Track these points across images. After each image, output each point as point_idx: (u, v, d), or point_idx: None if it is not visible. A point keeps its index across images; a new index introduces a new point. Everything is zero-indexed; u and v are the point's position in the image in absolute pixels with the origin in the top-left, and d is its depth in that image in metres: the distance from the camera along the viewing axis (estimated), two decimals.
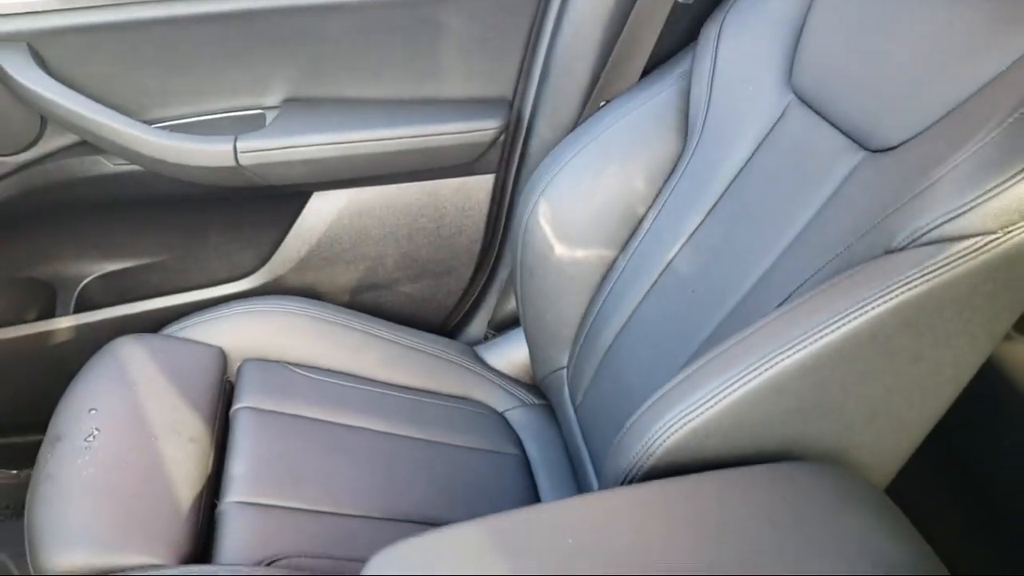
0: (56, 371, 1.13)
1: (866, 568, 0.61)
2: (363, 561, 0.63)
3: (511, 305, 1.40)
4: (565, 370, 1.19)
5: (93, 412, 0.97)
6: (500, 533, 0.67)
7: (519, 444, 1.19)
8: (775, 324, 0.73)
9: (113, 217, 1.30)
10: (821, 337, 0.69)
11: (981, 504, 1.13)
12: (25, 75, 1.08)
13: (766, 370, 0.70)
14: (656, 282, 1.05)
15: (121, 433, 0.95)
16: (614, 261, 1.13)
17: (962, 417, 1.11)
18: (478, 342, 1.39)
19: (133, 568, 0.83)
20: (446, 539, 0.66)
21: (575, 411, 1.15)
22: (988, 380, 1.12)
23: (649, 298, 1.06)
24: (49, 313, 1.31)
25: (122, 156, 1.18)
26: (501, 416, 1.24)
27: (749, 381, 0.71)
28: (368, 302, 1.37)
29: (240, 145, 1.17)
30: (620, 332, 1.08)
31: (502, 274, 1.41)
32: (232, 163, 1.17)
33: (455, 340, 1.39)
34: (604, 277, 1.13)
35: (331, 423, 1.09)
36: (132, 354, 1.07)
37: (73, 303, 1.32)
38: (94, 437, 0.94)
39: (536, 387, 1.29)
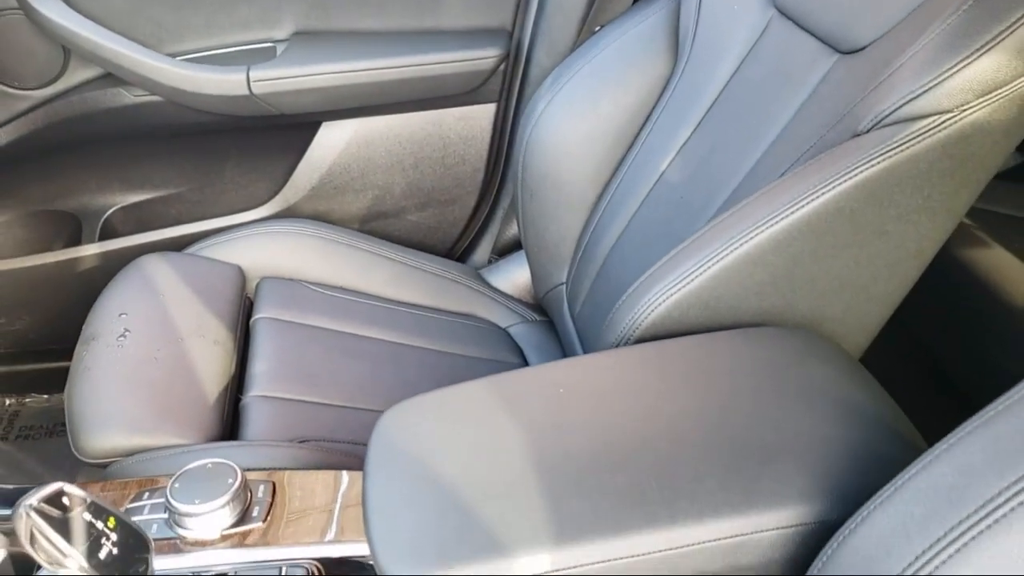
0: (83, 297, 1.20)
1: (828, 409, 0.67)
2: None
3: (513, 231, 1.47)
4: (564, 285, 1.26)
5: (124, 316, 1.04)
6: (498, 388, 0.74)
7: (521, 355, 1.26)
8: (750, 205, 0.79)
9: (134, 150, 1.37)
10: (792, 212, 0.75)
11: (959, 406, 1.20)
12: (50, 7, 1.15)
13: (741, 245, 0.77)
14: (649, 194, 1.11)
15: (150, 334, 1.03)
16: (610, 178, 1.19)
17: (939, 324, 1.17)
18: (482, 267, 1.46)
19: (165, 448, 0.90)
20: (451, 394, 0.73)
21: (573, 322, 1.22)
22: (973, 289, 1.18)
23: (642, 209, 1.12)
24: (75, 243, 1.38)
25: (142, 87, 1.24)
26: (504, 331, 1.31)
27: (726, 256, 0.77)
28: (377, 231, 1.44)
29: (252, 75, 1.23)
30: (615, 243, 1.15)
31: (504, 202, 1.47)
32: (245, 92, 1.23)
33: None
34: (600, 194, 1.19)
35: (343, 332, 1.16)
36: (158, 269, 1.14)
37: (98, 233, 1.39)
38: (125, 337, 1.01)
39: (538, 305, 1.36)
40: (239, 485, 0.75)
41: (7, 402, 1.49)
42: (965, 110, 0.72)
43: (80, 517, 0.61)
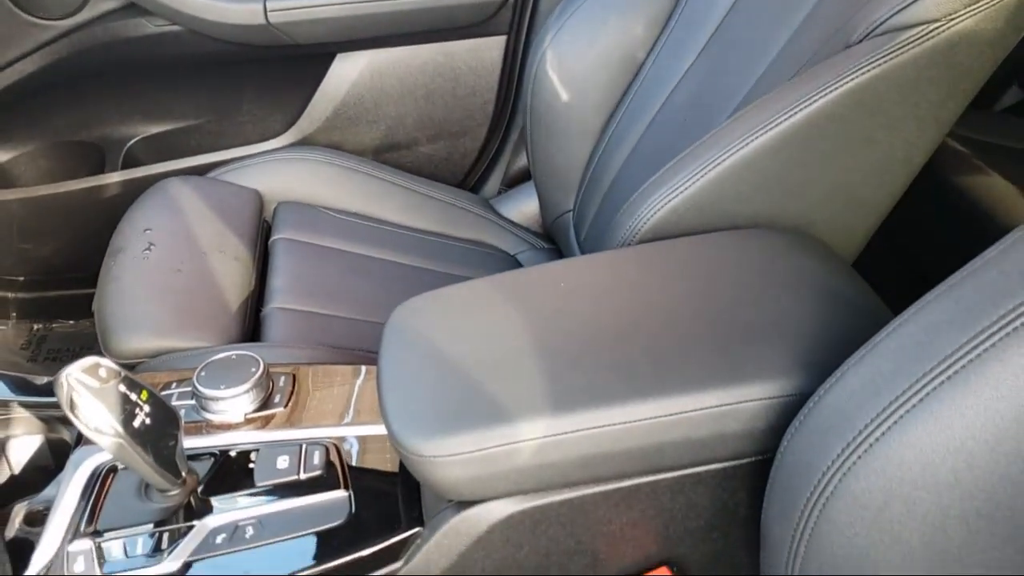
0: (107, 224, 1.24)
1: (812, 296, 0.71)
2: None
3: (523, 162, 1.50)
4: (571, 212, 1.29)
5: (148, 231, 1.09)
6: (503, 283, 0.78)
7: None
8: (745, 115, 0.83)
9: (155, 81, 1.41)
10: (784, 120, 0.79)
11: None
12: None
13: (736, 152, 0.80)
14: (654, 119, 1.15)
15: (174, 248, 1.08)
16: (616, 105, 1.22)
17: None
18: (492, 198, 1.50)
19: (190, 349, 0.95)
20: (459, 289, 0.78)
21: (580, 248, 1.26)
22: (970, 213, 1.22)
23: (647, 134, 1.15)
24: (98, 173, 1.43)
25: (163, 15, 1.28)
26: (512, 257, 1.35)
27: (721, 162, 0.81)
28: (390, 162, 1.48)
29: (269, 4, 1.27)
30: (621, 168, 1.18)
31: (514, 134, 1.50)
32: (262, 21, 1.27)
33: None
34: (607, 121, 1.23)
35: (357, 254, 1.21)
36: (180, 190, 1.19)
37: (120, 163, 1.44)
38: (150, 250, 1.06)
39: (546, 234, 1.40)
40: (261, 373, 0.80)
41: (35, 327, 1.54)
42: (952, 19, 0.75)
43: (115, 388, 0.66)
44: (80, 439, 0.78)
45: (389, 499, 0.72)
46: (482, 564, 0.68)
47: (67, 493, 0.73)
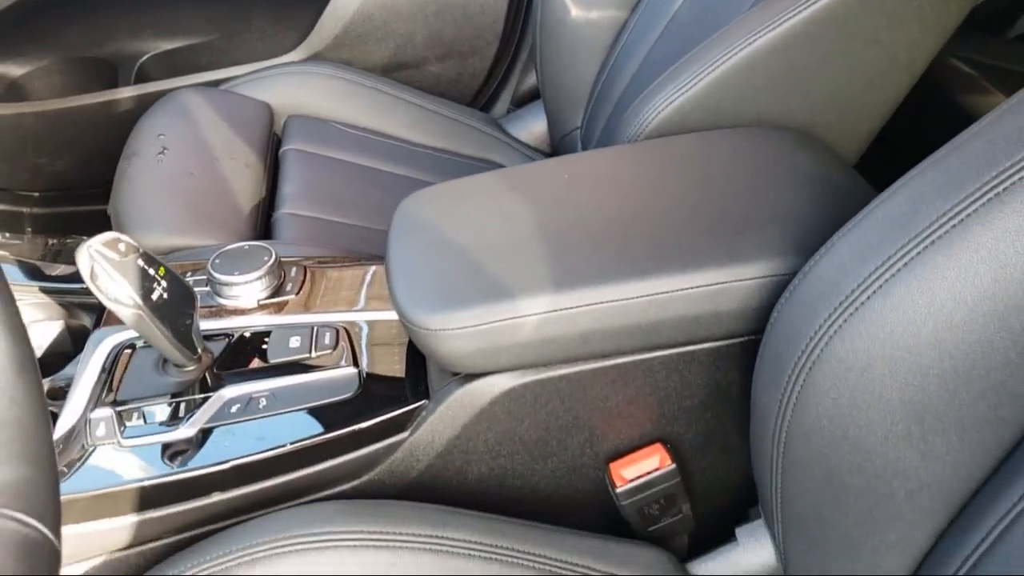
0: (120, 138, 1.26)
1: (810, 188, 0.73)
2: None
3: (531, 82, 1.51)
4: (579, 130, 1.31)
5: (162, 136, 1.11)
6: (508, 175, 0.81)
7: None
8: (750, 15, 0.84)
9: None
10: (788, 19, 0.80)
11: None
12: None
13: (740, 51, 0.82)
14: (661, 34, 1.15)
15: (186, 152, 1.10)
16: (625, 20, 1.22)
17: None
18: (501, 117, 1.51)
19: (203, 246, 0.98)
20: (465, 182, 0.80)
21: None
22: None
23: (654, 49, 1.16)
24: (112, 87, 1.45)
25: None
26: None
27: (726, 61, 0.82)
28: (399, 81, 1.49)
29: None
30: (629, 84, 1.19)
31: (523, 54, 1.51)
32: None
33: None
34: (617, 35, 1.23)
35: (365, 166, 1.23)
36: (192, 100, 1.21)
37: (132, 79, 1.45)
38: (163, 154, 1.08)
39: (554, 153, 1.41)
40: (274, 262, 0.83)
41: (50, 241, 1.57)
42: None
43: (134, 262, 0.69)
44: (100, 319, 0.81)
45: (396, 376, 0.75)
46: (484, 436, 0.71)
47: (88, 367, 0.76)
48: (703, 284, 0.66)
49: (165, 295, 0.70)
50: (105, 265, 0.67)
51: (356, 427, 0.71)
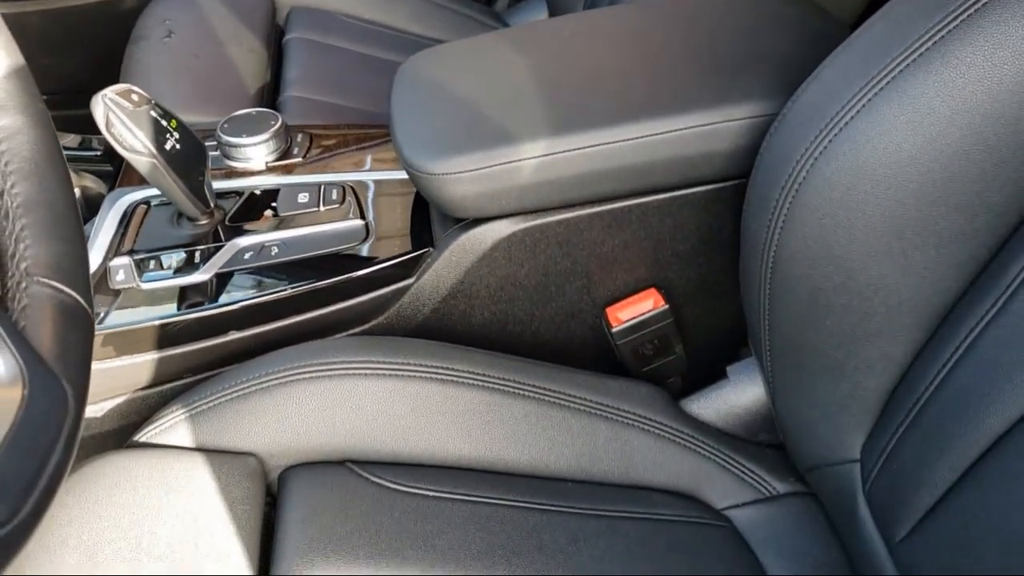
0: (127, 38, 1.27)
1: (801, 38, 0.75)
2: None
3: None
4: None
5: (168, 22, 1.13)
6: (508, 34, 0.82)
7: None
8: None
9: None
10: None
11: None
12: None
13: None
14: None
15: (192, 37, 1.12)
16: None
17: None
18: (503, 11, 1.51)
19: (211, 123, 1.00)
20: (463, 43, 0.82)
21: None
22: None
23: None
24: None
25: None
26: None
27: None
28: None
29: None
30: None
31: None
32: None
33: None
34: None
35: (367, 55, 1.24)
36: None
37: None
38: (170, 37, 1.10)
39: None
40: (280, 125, 0.85)
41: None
42: None
43: (147, 112, 0.71)
44: (115, 182, 0.84)
45: (401, 227, 0.78)
46: (486, 281, 0.74)
47: (105, 223, 0.79)
48: (694, 125, 0.68)
49: (178, 146, 0.73)
50: (120, 114, 0.69)
51: (364, 272, 0.74)
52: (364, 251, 0.76)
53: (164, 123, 0.72)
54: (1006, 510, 0.52)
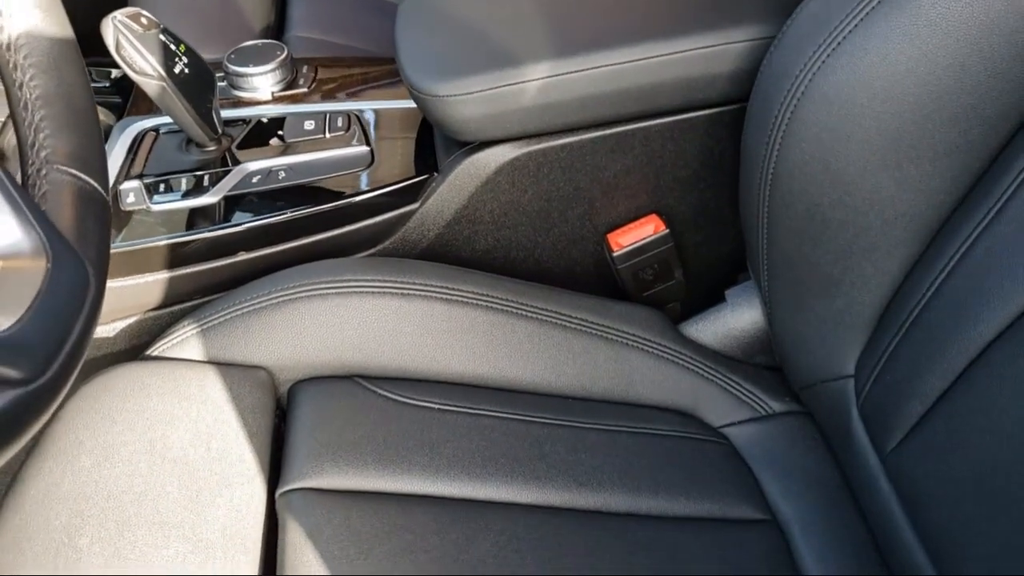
0: None
1: None
2: None
3: None
4: None
5: None
6: None
7: None
8: None
9: None
10: None
11: None
12: None
13: None
14: None
15: None
16: None
17: None
18: None
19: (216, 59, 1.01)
20: None
21: None
22: None
23: None
24: None
25: None
26: None
27: None
28: None
29: None
30: None
31: None
32: None
33: None
34: None
35: None
36: None
37: None
38: None
39: None
40: (286, 56, 0.86)
41: None
42: None
43: (156, 36, 0.72)
44: (124, 112, 0.85)
45: (406, 154, 0.79)
46: (490, 206, 0.75)
47: (115, 149, 0.80)
48: (696, 47, 0.69)
49: (187, 71, 0.74)
50: (130, 36, 0.70)
51: (369, 195, 0.75)
52: (370, 176, 0.77)
53: (173, 47, 0.73)
54: (995, 412, 0.53)
